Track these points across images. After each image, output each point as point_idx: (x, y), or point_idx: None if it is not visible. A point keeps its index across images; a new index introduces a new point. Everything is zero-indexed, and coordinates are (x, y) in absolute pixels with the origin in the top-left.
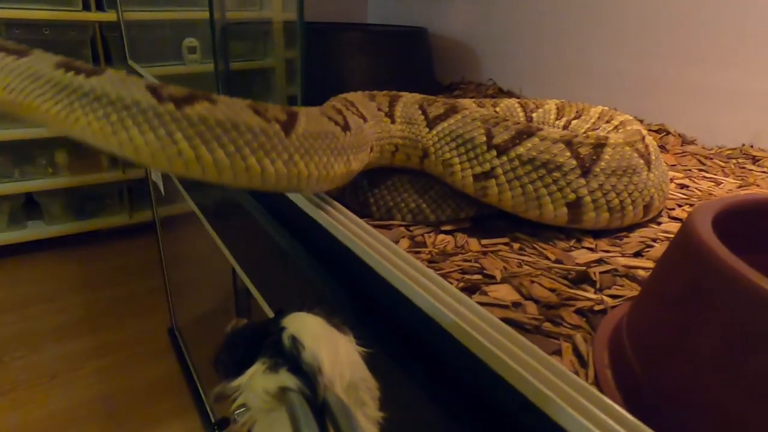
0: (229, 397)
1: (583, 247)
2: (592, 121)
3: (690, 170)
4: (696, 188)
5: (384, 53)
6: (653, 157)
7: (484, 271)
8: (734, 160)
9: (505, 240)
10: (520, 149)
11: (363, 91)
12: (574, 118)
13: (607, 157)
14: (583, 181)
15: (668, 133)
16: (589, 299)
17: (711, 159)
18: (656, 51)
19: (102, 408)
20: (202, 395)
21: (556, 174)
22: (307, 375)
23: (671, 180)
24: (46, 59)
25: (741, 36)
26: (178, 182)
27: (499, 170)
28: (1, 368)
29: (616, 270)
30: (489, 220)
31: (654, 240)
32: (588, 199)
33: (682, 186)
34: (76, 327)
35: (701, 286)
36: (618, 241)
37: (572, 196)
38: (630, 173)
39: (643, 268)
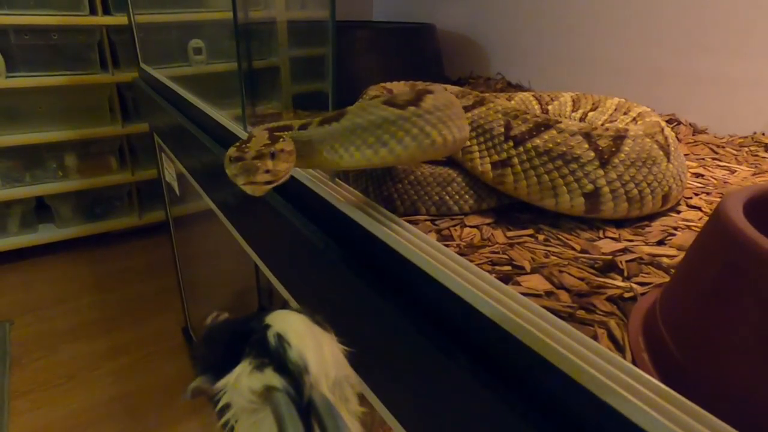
0: (206, 393)
1: (606, 237)
2: (609, 113)
3: (703, 159)
4: (711, 177)
5: (392, 51)
6: (672, 149)
7: (513, 263)
8: (747, 148)
9: (530, 232)
10: (537, 141)
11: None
12: (591, 110)
13: (626, 148)
14: (601, 172)
15: (679, 122)
16: (618, 287)
17: (723, 147)
18: (665, 40)
19: (121, 407)
20: None
21: (573, 165)
22: (293, 374)
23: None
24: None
25: (751, 24)
26: (194, 182)
27: (516, 160)
28: (20, 369)
29: (641, 258)
30: (511, 212)
31: (675, 228)
32: (606, 189)
33: (698, 175)
34: (91, 327)
35: (737, 270)
36: (640, 230)
37: (590, 187)
38: (650, 164)
39: (668, 256)
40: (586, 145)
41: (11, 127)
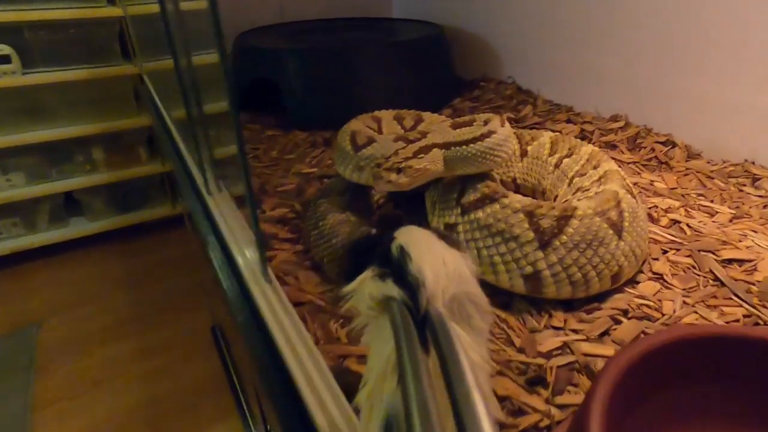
0: (344, 299)
1: (551, 327)
2: (581, 162)
3: (688, 195)
4: (687, 224)
5: (401, 66)
6: (627, 223)
7: None
8: (735, 180)
9: None
10: (480, 213)
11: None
12: (566, 156)
13: (570, 230)
14: (540, 254)
15: (675, 145)
16: (538, 411)
17: (712, 179)
18: (668, 61)
19: (143, 415)
20: (241, 397)
21: (512, 244)
22: (411, 286)
23: (666, 211)
24: None
25: (745, 50)
26: None
27: (461, 228)
28: (46, 377)
29: (575, 363)
30: None
31: (625, 313)
32: (547, 273)
33: (674, 222)
34: (121, 328)
35: None
36: (587, 315)
37: (529, 269)
38: (596, 245)
39: (603, 357)
40: (526, 225)
41: (33, 124)
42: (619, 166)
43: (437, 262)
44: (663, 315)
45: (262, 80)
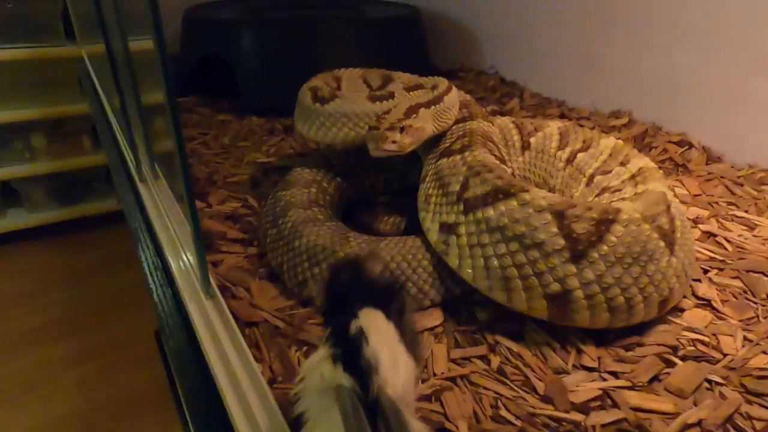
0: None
1: (581, 366)
2: (602, 158)
3: (717, 204)
4: (726, 238)
5: (372, 44)
6: (679, 234)
7: (448, 419)
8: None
9: (483, 351)
10: (490, 211)
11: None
12: (581, 150)
13: (613, 238)
14: (572, 268)
15: (691, 146)
16: None
17: (741, 186)
18: (682, 49)
19: (77, 425)
20: (185, 407)
21: (534, 253)
22: (363, 371)
23: (695, 221)
24: None
25: None
26: None
27: (462, 229)
28: None
29: (624, 421)
30: (469, 304)
31: (675, 350)
32: (579, 293)
33: (709, 235)
34: (57, 329)
35: None
36: (627, 352)
37: (556, 287)
38: (644, 260)
39: (662, 415)
40: (555, 229)
41: None
42: None
43: (392, 359)
44: (724, 355)
45: (212, 58)
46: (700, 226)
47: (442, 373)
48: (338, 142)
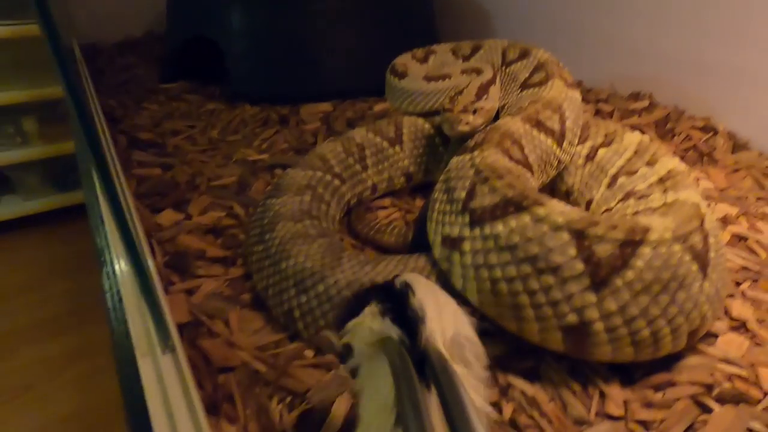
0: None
1: (606, 415)
2: (627, 156)
3: (746, 199)
4: (757, 242)
5: (371, 21)
6: (713, 254)
7: None
8: None
9: (494, 395)
10: (499, 226)
11: None
12: (603, 145)
13: (639, 263)
14: (592, 297)
15: (716, 131)
16: None
17: None
18: (707, 27)
19: (80, 425)
20: None
21: (549, 279)
22: (410, 322)
23: (724, 221)
24: None
25: None
26: None
27: (467, 245)
28: None
29: None
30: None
31: (710, 389)
32: (599, 326)
33: (740, 239)
34: (58, 322)
35: None
36: (657, 394)
37: (573, 319)
38: (674, 288)
39: None
40: (573, 251)
41: None
42: None
43: (437, 306)
44: (765, 394)
45: (199, 40)
46: (729, 227)
47: None
48: (408, 112)
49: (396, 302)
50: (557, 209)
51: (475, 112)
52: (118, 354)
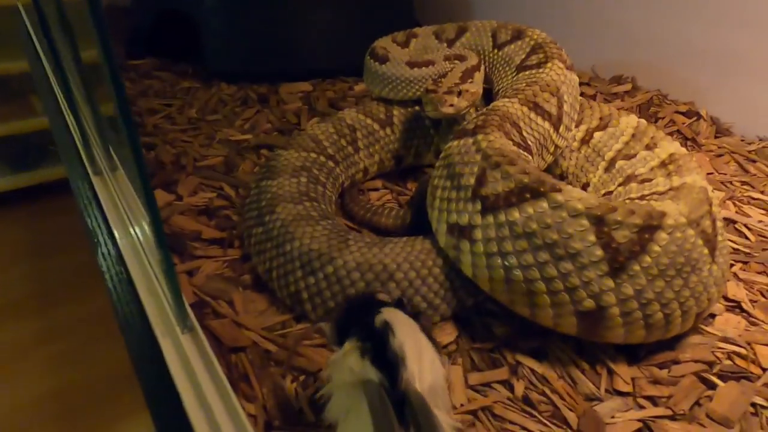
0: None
1: (614, 390)
2: (624, 139)
3: (731, 183)
4: (746, 225)
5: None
6: (720, 237)
7: None
8: None
9: (504, 375)
10: (515, 213)
11: None
12: (598, 129)
13: (656, 248)
14: (610, 282)
15: (700, 116)
16: None
17: (754, 162)
18: (691, 11)
19: (52, 407)
20: None
21: (567, 265)
22: (390, 364)
23: None
24: None
25: None
26: None
27: (479, 233)
28: None
29: None
30: (484, 316)
31: (711, 366)
32: (615, 311)
33: (729, 222)
34: (21, 305)
35: None
36: (662, 371)
37: (589, 304)
38: (687, 271)
39: None
40: (593, 237)
41: None
42: None
43: (417, 348)
44: (764, 371)
45: (171, 14)
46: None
47: (462, 405)
48: (388, 98)
49: (376, 341)
50: (575, 194)
51: (459, 93)
52: (128, 335)
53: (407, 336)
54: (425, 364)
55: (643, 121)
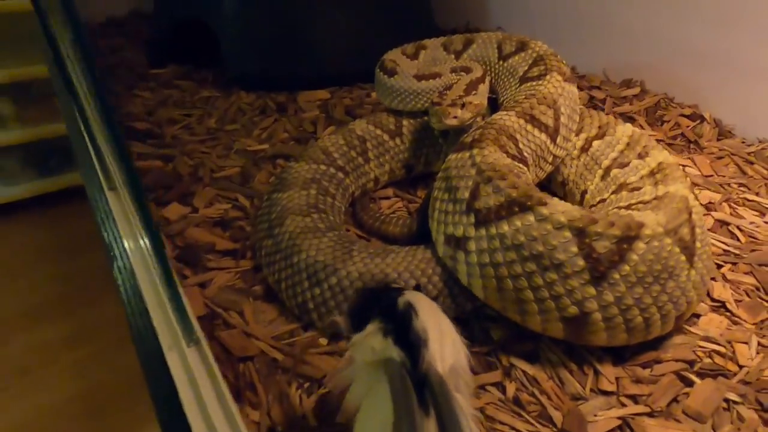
0: (340, 330)
1: (599, 391)
2: (620, 148)
3: (728, 186)
4: (738, 227)
5: (363, 2)
6: (699, 244)
7: None
8: None
9: (497, 377)
10: (505, 226)
11: None
12: (596, 138)
13: (635, 257)
14: (592, 290)
15: (703, 119)
16: None
17: (752, 164)
18: (697, 17)
19: (81, 408)
20: None
21: (552, 275)
22: (412, 345)
23: (708, 207)
24: None
25: None
26: None
27: (472, 245)
28: None
29: None
30: (481, 320)
31: (692, 365)
32: (597, 316)
33: (722, 224)
34: (49, 309)
35: None
36: (645, 371)
37: (573, 310)
38: (664, 278)
39: None
40: (575, 248)
41: None
42: None
43: (439, 329)
44: (740, 367)
45: (190, 23)
46: (713, 213)
47: None
48: (398, 110)
49: (398, 323)
50: (559, 207)
51: (463, 106)
52: (140, 348)
53: (430, 317)
54: (447, 346)
55: (637, 129)
